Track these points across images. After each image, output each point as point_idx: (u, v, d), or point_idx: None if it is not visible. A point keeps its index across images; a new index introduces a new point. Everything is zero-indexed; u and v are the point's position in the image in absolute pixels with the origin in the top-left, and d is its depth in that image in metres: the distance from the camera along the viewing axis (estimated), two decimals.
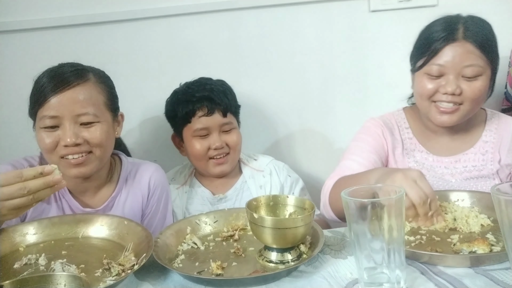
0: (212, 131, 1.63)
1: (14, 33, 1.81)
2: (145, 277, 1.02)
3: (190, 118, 1.63)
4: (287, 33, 1.95)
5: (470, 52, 1.35)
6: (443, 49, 1.37)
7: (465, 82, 1.36)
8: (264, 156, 1.82)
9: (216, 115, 1.63)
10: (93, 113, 1.29)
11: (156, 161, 1.63)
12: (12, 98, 1.81)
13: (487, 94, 1.42)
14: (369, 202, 0.85)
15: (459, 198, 1.25)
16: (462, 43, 1.36)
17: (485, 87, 1.38)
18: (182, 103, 1.64)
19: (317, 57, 1.97)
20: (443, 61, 1.37)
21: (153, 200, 1.46)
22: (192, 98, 1.62)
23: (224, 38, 1.92)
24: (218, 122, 1.63)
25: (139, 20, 1.86)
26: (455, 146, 1.49)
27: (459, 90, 1.36)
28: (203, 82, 1.68)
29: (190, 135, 1.64)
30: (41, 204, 1.32)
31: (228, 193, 1.70)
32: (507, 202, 0.79)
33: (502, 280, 0.90)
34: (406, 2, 1.94)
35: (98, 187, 1.40)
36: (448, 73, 1.37)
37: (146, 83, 1.90)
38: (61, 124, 1.26)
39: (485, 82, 1.37)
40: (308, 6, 1.93)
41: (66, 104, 1.26)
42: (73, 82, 1.28)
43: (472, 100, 1.37)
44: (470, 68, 1.35)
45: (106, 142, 1.32)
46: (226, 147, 1.65)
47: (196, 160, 1.67)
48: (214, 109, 1.62)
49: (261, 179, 1.72)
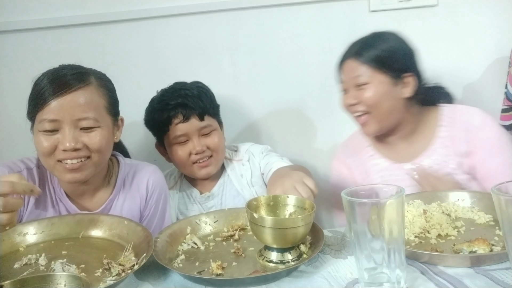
0: (191, 136, 1.61)
1: (14, 33, 1.81)
2: (145, 277, 1.02)
3: (167, 126, 1.61)
4: (287, 33, 1.95)
5: (355, 66, 1.50)
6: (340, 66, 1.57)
7: (360, 92, 1.49)
8: (243, 144, 1.79)
9: (193, 120, 1.60)
10: (94, 118, 1.26)
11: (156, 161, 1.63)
12: (11, 98, 1.81)
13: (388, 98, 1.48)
14: (369, 202, 0.85)
15: (459, 198, 1.25)
16: (350, 60, 1.52)
17: (378, 91, 1.47)
18: (157, 111, 1.62)
19: (317, 57, 1.97)
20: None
21: (151, 202, 1.45)
22: (166, 106, 1.60)
23: (224, 38, 1.92)
24: (195, 127, 1.61)
25: (139, 20, 1.86)
26: (414, 150, 1.55)
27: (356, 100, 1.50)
28: (177, 88, 1.65)
29: (170, 142, 1.63)
30: (36, 210, 1.31)
31: (214, 190, 1.70)
32: (507, 201, 0.79)
33: (503, 280, 0.90)
34: (406, 2, 1.94)
35: (95, 190, 1.38)
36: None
37: (145, 83, 1.90)
38: (61, 128, 1.24)
39: (377, 86, 1.47)
40: (308, 6, 1.93)
41: (66, 108, 1.23)
42: (74, 86, 1.25)
43: (370, 106, 1.48)
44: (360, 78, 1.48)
45: (105, 148, 1.30)
46: (208, 150, 1.63)
47: (180, 166, 1.67)
48: (190, 114, 1.59)
49: (241, 168, 1.71)
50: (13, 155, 1.42)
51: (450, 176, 1.48)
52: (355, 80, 1.50)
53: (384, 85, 1.47)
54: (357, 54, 1.51)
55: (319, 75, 1.99)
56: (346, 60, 1.54)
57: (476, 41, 1.96)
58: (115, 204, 1.40)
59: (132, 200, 1.42)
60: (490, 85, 1.96)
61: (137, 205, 1.43)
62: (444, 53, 1.96)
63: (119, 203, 1.40)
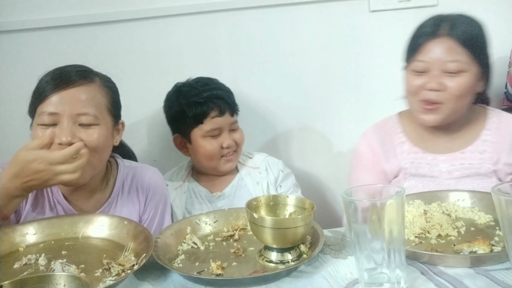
0: (223, 131, 1.66)
1: (14, 33, 1.81)
2: (145, 277, 1.02)
3: (202, 119, 1.62)
4: (287, 33, 1.95)
5: (452, 48, 1.36)
6: (426, 45, 1.39)
7: (448, 78, 1.36)
8: (259, 153, 1.83)
9: (227, 114, 1.65)
10: (94, 115, 1.25)
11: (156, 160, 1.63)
12: (12, 98, 1.81)
13: (472, 92, 1.41)
14: (369, 202, 0.84)
15: (460, 198, 1.25)
16: (445, 39, 1.37)
17: (469, 84, 1.38)
18: (192, 104, 1.62)
19: (316, 57, 1.97)
20: (427, 57, 1.39)
21: (151, 205, 1.43)
22: (201, 99, 1.62)
23: (224, 38, 1.92)
24: (228, 122, 1.66)
25: (139, 20, 1.86)
26: (452, 145, 1.49)
27: (443, 86, 1.36)
28: (206, 82, 1.68)
29: (201, 135, 1.64)
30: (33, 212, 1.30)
31: (226, 191, 1.70)
32: (507, 202, 0.79)
33: (503, 280, 0.90)
34: (406, 2, 1.94)
35: (93, 192, 1.36)
36: (432, 69, 1.38)
37: (146, 83, 1.90)
38: (59, 122, 1.22)
39: (469, 79, 1.37)
40: (308, 6, 1.93)
41: (67, 101, 1.23)
42: (77, 81, 1.25)
43: (456, 97, 1.37)
44: (453, 64, 1.35)
45: (102, 148, 1.28)
46: (235, 145, 1.68)
47: (207, 160, 1.67)
48: (226, 109, 1.64)
49: (257, 175, 1.73)
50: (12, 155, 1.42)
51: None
52: (447, 64, 1.35)
53: (475, 78, 1.37)
54: (453, 34, 1.36)
55: (319, 75, 1.99)
56: (438, 38, 1.38)
57: None
58: (113, 207, 1.38)
59: (131, 203, 1.40)
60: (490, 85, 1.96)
61: (136, 208, 1.41)
62: None
63: (118, 206, 1.38)
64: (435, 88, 1.37)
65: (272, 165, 1.76)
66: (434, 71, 1.38)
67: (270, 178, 1.73)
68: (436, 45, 1.38)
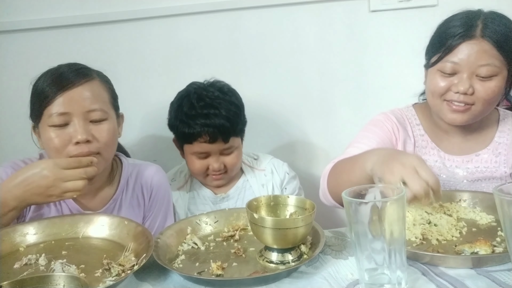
0: (212, 154, 1.62)
1: (14, 33, 1.81)
2: (145, 278, 1.02)
3: (191, 141, 1.60)
4: (287, 33, 1.95)
5: (486, 51, 1.29)
6: (459, 46, 1.31)
7: (478, 82, 1.31)
8: (264, 155, 1.82)
9: (219, 142, 1.59)
10: (102, 110, 1.28)
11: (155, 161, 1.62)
12: (11, 98, 1.81)
13: (501, 95, 1.37)
14: (370, 203, 0.84)
15: (461, 199, 1.25)
16: (479, 41, 1.29)
17: (499, 88, 1.32)
18: (184, 124, 1.58)
19: (317, 57, 1.97)
20: (458, 59, 1.31)
21: (154, 202, 1.45)
22: (194, 123, 1.56)
23: (224, 38, 1.92)
24: (218, 148, 1.61)
25: (139, 20, 1.86)
26: (467, 146, 1.46)
27: (472, 89, 1.30)
28: (209, 103, 1.58)
29: (190, 152, 1.63)
30: (39, 208, 1.31)
31: (230, 192, 1.70)
32: (509, 202, 0.79)
33: (504, 281, 0.90)
34: (406, 2, 1.94)
35: (98, 189, 1.38)
36: (462, 71, 1.31)
37: (146, 83, 1.90)
38: (71, 121, 1.24)
39: (500, 83, 1.31)
40: (308, 6, 1.93)
41: (76, 100, 1.25)
42: (80, 80, 1.27)
43: (484, 100, 1.32)
44: (485, 68, 1.29)
45: (112, 141, 1.32)
46: (224, 168, 1.64)
47: (194, 174, 1.69)
48: (216, 138, 1.58)
49: (262, 178, 1.73)
50: (13, 155, 1.42)
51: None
52: (478, 68, 1.29)
53: (504, 82, 1.32)
54: (490, 35, 1.29)
55: (319, 75, 1.99)
56: (472, 39, 1.30)
57: None
58: (118, 204, 1.39)
59: (135, 200, 1.42)
60: None
61: (140, 205, 1.43)
62: None
63: (123, 203, 1.40)
64: (464, 91, 1.30)
65: (278, 168, 1.76)
66: (464, 73, 1.31)
67: (276, 180, 1.72)
68: (470, 47, 1.30)
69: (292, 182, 1.76)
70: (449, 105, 1.36)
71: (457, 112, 1.35)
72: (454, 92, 1.33)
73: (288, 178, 1.75)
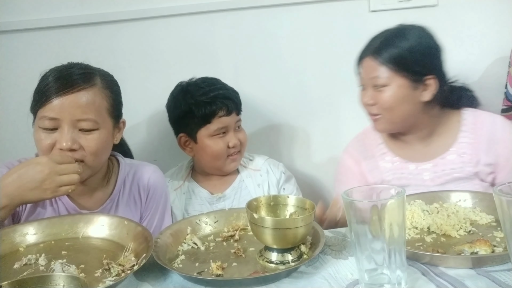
0: (229, 130, 1.67)
1: (14, 33, 1.80)
2: (145, 278, 1.02)
3: (210, 118, 1.62)
4: (287, 33, 1.94)
5: (374, 66, 1.44)
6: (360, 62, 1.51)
7: (378, 92, 1.44)
8: (259, 155, 1.83)
9: (233, 114, 1.66)
10: (94, 120, 1.27)
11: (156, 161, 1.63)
12: (12, 98, 1.81)
13: (409, 101, 1.44)
14: (370, 203, 0.84)
15: (461, 199, 1.25)
16: (370, 57, 1.46)
17: (396, 95, 1.42)
18: (201, 104, 1.62)
19: (317, 57, 1.97)
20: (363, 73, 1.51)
21: (152, 202, 1.45)
22: (209, 98, 1.62)
23: (224, 38, 1.92)
24: (234, 121, 1.67)
25: (139, 20, 1.86)
26: (431, 151, 1.51)
27: (373, 100, 1.46)
28: (212, 82, 1.68)
29: (208, 135, 1.64)
30: (35, 207, 1.31)
31: (226, 192, 1.70)
32: (509, 202, 0.79)
33: (504, 281, 0.90)
34: (406, 2, 1.94)
35: (94, 190, 1.38)
36: (366, 85, 1.49)
37: (146, 83, 1.90)
38: (60, 127, 1.24)
39: (395, 90, 1.42)
40: (308, 6, 1.93)
41: (67, 107, 1.24)
42: (78, 86, 1.26)
43: (385, 109, 1.44)
44: (378, 79, 1.43)
45: (101, 151, 1.30)
46: (239, 144, 1.68)
47: (214, 159, 1.67)
48: (232, 108, 1.65)
49: (258, 178, 1.73)
50: (13, 155, 1.42)
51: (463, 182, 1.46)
52: (373, 80, 1.45)
53: (402, 89, 1.42)
54: (376, 52, 1.45)
55: (319, 75, 1.99)
56: (365, 58, 1.48)
57: (476, 41, 1.96)
58: (115, 204, 1.39)
59: (132, 201, 1.42)
60: (490, 85, 1.96)
61: (137, 205, 1.43)
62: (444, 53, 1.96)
63: (119, 203, 1.40)
64: (368, 102, 1.47)
65: (273, 167, 1.76)
66: (367, 87, 1.48)
67: (272, 179, 1.73)
68: (364, 63, 1.49)
69: (289, 182, 1.77)
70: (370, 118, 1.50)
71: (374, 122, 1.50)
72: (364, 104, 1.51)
73: (285, 178, 1.76)
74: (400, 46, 1.43)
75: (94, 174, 1.33)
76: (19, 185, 1.14)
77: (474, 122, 1.50)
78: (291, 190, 1.75)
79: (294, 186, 1.77)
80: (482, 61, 1.98)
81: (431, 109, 1.48)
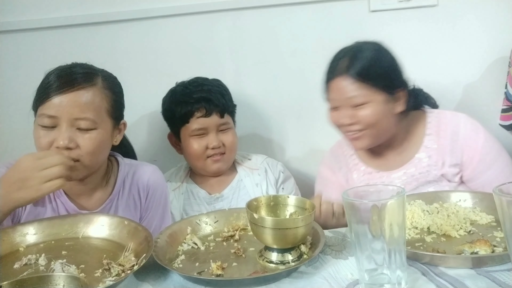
0: (209, 131, 1.66)
1: (14, 33, 1.80)
2: (145, 278, 1.02)
3: (188, 118, 1.64)
4: (287, 33, 1.94)
5: (348, 86, 1.42)
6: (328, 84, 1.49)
7: (356, 110, 1.43)
8: (258, 155, 1.83)
9: (214, 116, 1.65)
10: (92, 119, 1.26)
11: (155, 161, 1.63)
12: (12, 98, 1.81)
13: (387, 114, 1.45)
14: (370, 203, 0.84)
15: (461, 199, 1.25)
16: (342, 77, 1.43)
17: (376, 111, 1.42)
18: (180, 103, 1.65)
19: (317, 57, 1.96)
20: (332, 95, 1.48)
21: (151, 202, 1.44)
22: (190, 99, 1.64)
23: (224, 38, 1.92)
24: (215, 123, 1.65)
25: (140, 20, 1.86)
26: (401, 158, 1.53)
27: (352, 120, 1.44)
28: (200, 83, 1.69)
29: (188, 134, 1.66)
30: (35, 207, 1.31)
31: (224, 192, 1.71)
32: (509, 202, 0.79)
33: (504, 281, 0.90)
34: (406, 2, 1.94)
35: (94, 190, 1.38)
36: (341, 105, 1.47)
37: (146, 83, 1.90)
38: (58, 125, 1.24)
39: (375, 106, 1.42)
40: (308, 6, 1.93)
41: (66, 105, 1.24)
42: (78, 85, 1.26)
43: (368, 125, 1.43)
44: (356, 98, 1.41)
45: (98, 151, 1.29)
46: (223, 146, 1.67)
47: (193, 159, 1.68)
48: (212, 110, 1.64)
49: (256, 177, 1.73)
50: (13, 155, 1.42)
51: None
52: (350, 100, 1.43)
53: (382, 104, 1.43)
54: (347, 72, 1.43)
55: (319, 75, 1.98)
56: (336, 78, 1.46)
57: (476, 41, 1.96)
58: (114, 205, 1.39)
59: (132, 201, 1.42)
60: (490, 85, 1.96)
61: (137, 205, 1.43)
62: (444, 53, 1.96)
63: (119, 204, 1.40)
64: (346, 123, 1.45)
65: (272, 166, 1.77)
66: (343, 107, 1.46)
67: (270, 178, 1.73)
68: (335, 85, 1.46)
69: (288, 181, 1.77)
70: (347, 136, 1.50)
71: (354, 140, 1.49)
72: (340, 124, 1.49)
73: (284, 177, 1.76)
74: (370, 61, 1.44)
75: (91, 173, 1.33)
76: (7, 189, 1.12)
77: (438, 124, 1.52)
78: (291, 190, 1.75)
79: (293, 185, 1.77)
80: (482, 61, 1.98)
81: (401, 118, 1.51)
